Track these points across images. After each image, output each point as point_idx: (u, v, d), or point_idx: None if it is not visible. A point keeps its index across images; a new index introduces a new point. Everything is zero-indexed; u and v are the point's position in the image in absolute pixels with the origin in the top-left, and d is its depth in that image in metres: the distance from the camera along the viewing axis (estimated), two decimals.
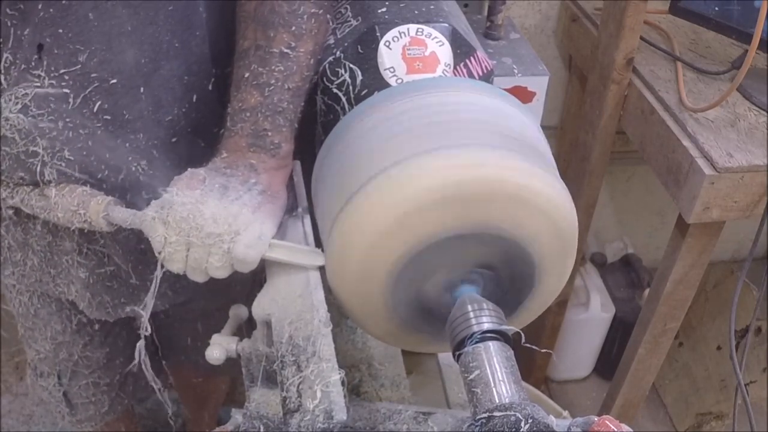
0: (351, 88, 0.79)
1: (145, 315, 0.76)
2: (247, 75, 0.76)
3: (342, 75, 0.79)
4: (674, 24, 1.36)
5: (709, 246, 1.16)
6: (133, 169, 0.80)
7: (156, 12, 0.75)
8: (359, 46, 0.79)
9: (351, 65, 0.79)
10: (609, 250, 1.91)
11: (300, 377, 0.62)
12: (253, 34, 0.77)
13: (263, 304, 0.72)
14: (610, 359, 1.83)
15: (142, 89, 0.77)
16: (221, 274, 0.71)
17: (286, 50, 0.76)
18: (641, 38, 1.24)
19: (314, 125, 0.86)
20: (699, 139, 1.08)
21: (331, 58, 0.79)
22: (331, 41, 0.81)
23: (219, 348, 0.79)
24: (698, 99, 1.17)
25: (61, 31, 0.70)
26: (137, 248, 0.88)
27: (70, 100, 0.74)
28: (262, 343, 0.75)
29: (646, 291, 1.74)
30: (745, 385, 1.21)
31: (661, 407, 1.91)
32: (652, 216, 1.92)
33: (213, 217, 0.69)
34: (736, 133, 1.10)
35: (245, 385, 0.77)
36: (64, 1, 0.69)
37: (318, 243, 0.75)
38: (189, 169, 0.74)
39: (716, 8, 1.15)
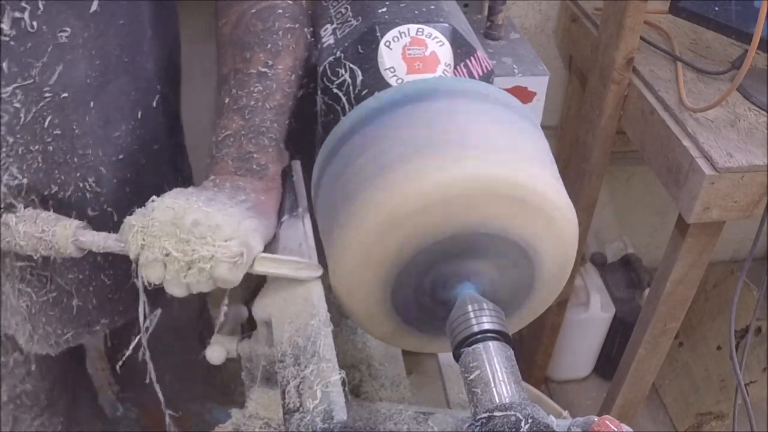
0: (351, 88, 0.79)
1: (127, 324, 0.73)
2: (227, 100, 0.76)
3: (342, 75, 0.79)
4: (674, 24, 1.36)
5: (709, 246, 1.16)
6: (81, 185, 0.79)
7: (107, 25, 0.74)
8: (359, 46, 0.79)
9: (351, 65, 0.79)
10: (609, 250, 1.91)
11: (300, 377, 0.62)
12: (231, 59, 0.77)
13: (263, 304, 0.72)
14: (610, 359, 1.83)
15: (92, 103, 0.76)
16: (203, 288, 0.68)
17: (263, 69, 0.76)
18: (641, 38, 1.24)
19: (314, 125, 0.86)
20: (699, 139, 1.08)
21: (331, 58, 0.79)
22: (332, 41, 0.81)
23: (219, 348, 0.78)
24: (698, 99, 1.17)
25: (13, 44, 0.69)
26: (80, 263, 0.85)
27: (21, 115, 0.72)
28: (262, 343, 0.75)
29: (646, 291, 1.74)
30: (745, 385, 1.21)
31: (661, 407, 1.91)
32: (652, 216, 1.92)
33: (193, 224, 0.66)
34: (736, 133, 1.10)
35: (245, 385, 0.77)
36: (16, 14, 0.67)
37: (318, 243, 0.75)
38: (174, 188, 0.72)
39: (716, 8, 1.15)
